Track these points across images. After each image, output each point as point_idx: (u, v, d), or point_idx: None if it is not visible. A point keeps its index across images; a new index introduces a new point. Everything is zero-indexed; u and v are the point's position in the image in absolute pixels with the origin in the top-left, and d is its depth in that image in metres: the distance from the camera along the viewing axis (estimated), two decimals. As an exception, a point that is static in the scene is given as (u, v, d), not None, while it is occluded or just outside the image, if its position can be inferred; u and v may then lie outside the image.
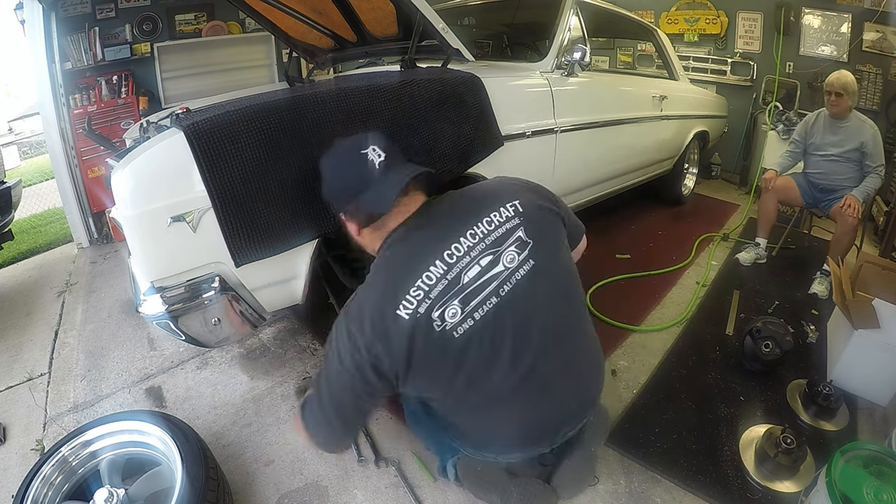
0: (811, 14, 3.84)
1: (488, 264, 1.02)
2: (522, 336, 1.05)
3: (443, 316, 0.98)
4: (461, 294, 0.99)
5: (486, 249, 1.03)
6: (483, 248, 1.03)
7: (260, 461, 1.59)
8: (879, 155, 2.52)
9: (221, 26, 4.10)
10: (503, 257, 1.04)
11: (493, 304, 1.01)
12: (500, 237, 1.05)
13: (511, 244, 1.05)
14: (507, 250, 1.04)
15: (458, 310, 0.99)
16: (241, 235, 1.28)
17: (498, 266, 1.03)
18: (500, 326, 1.02)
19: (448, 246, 1.02)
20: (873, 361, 1.74)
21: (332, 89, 1.50)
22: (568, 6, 2.30)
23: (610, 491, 1.46)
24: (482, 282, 1.01)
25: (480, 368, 1.03)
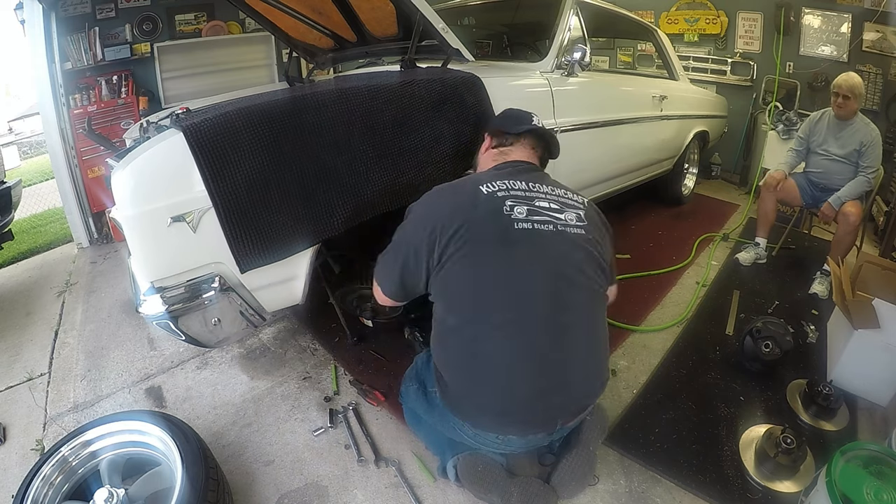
0: (811, 14, 3.84)
1: (555, 209, 1.26)
2: (559, 275, 1.21)
3: (512, 208, 1.20)
4: (530, 207, 1.23)
5: (557, 200, 1.29)
6: (555, 198, 1.29)
7: (260, 461, 1.59)
8: (874, 159, 2.52)
9: (221, 26, 4.10)
10: (566, 213, 1.27)
11: (550, 228, 1.22)
12: (566, 203, 1.30)
13: (573, 211, 1.29)
14: (570, 211, 1.28)
15: (524, 212, 1.21)
16: (245, 242, 1.28)
17: (561, 215, 1.26)
18: (548, 248, 1.21)
19: (533, 182, 1.30)
20: (873, 361, 1.74)
21: (333, 90, 1.50)
22: (568, 6, 2.30)
23: (610, 491, 1.46)
24: (547, 213, 1.24)
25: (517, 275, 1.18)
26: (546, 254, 1.20)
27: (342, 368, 2.02)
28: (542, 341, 1.18)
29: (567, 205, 1.29)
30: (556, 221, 1.23)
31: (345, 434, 1.67)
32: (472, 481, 1.34)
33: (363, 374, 1.96)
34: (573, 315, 1.22)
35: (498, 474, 1.33)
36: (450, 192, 1.28)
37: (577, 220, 1.27)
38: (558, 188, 1.34)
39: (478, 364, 1.20)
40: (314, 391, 1.90)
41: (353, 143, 1.41)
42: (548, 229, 1.21)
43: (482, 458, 1.36)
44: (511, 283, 1.18)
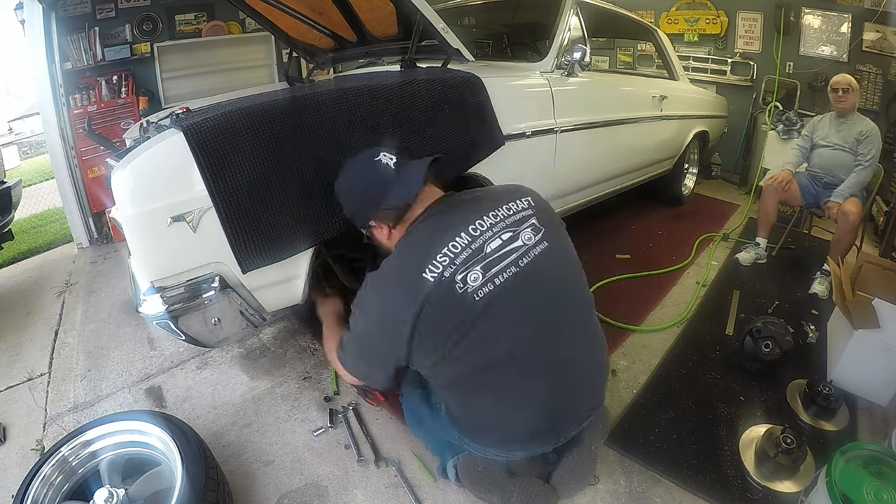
0: (811, 14, 3.84)
1: (508, 239, 1.12)
2: (539, 307, 1.13)
3: (465, 279, 1.05)
4: (483, 261, 1.08)
5: (506, 227, 1.13)
6: (503, 225, 1.13)
7: (260, 461, 1.59)
8: (871, 149, 2.56)
9: (221, 26, 4.10)
10: (521, 235, 1.13)
11: (513, 273, 1.09)
12: (517, 220, 1.15)
13: (527, 226, 1.15)
14: (524, 230, 1.14)
15: (480, 275, 1.06)
16: (246, 242, 1.28)
17: (517, 241, 1.12)
18: (518, 295, 1.10)
19: (472, 222, 1.12)
20: (873, 361, 1.74)
21: (333, 89, 1.50)
22: (568, 6, 2.30)
23: (610, 491, 1.46)
24: (503, 252, 1.10)
25: (496, 335, 1.09)
26: (519, 305, 1.10)
27: (342, 368, 2.02)
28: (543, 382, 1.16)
29: (518, 221, 1.15)
30: (516, 256, 1.10)
31: (345, 434, 1.67)
32: (472, 481, 1.34)
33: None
34: (568, 339, 1.18)
35: (498, 474, 1.34)
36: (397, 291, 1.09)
37: (534, 232, 1.15)
38: (498, 205, 1.15)
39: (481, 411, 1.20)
40: (314, 391, 1.90)
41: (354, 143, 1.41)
42: (510, 274, 1.08)
43: (482, 457, 1.36)
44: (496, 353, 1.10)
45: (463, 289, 1.04)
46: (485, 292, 1.06)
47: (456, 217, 1.14)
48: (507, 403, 1.17)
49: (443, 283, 1.04)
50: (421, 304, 1.04)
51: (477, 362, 1.11)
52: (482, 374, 1.12)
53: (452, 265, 1.05)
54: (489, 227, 1.12)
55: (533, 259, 1.12)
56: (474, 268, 1.06)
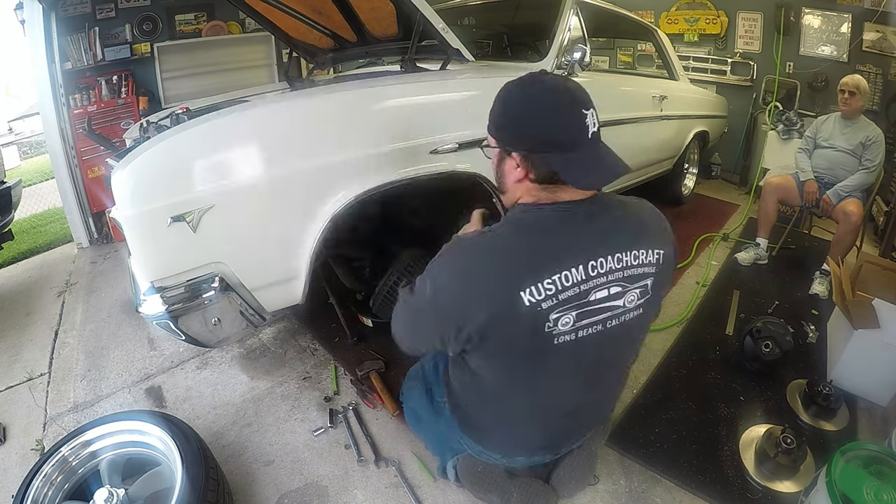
0: (811, 14, 3.84)
1: (614, 295, 0.98)
2: (595, 369, 1.10)
3: (558, 321, 0.94)
4: (582, 308, 0.95)
5: (620, 280, 0.97)
6: (619, 277, 0.97)
7: (260, 461, 1.59)
8: (877, 154, 2.56)
9: (221, 26, 4.09)
10: (627, 295, 1.00)
11: (597, 331, 0.99)
12: (635, 276, 0.99)
13: (638, 287, 1.00)
14: (634, 290, 1.00)
15: (571, 321, 0.95)
16: None
17: (619, 300, 0.99)
18: (591, 353, 1.03)
19: (595, 257, 0.95)
20: (873, 361, 1.74)
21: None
22: (568, 6, 2.30)
23: (610, 491, 1.46)
24: (601, 307, 0.98)
25: (548, 381, 1.06)
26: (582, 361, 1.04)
27: (342, 368, 2.02)
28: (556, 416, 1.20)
29: (635, 278, 0.99)
30: (609, 315, 0.99)
31: (345, 434, 1.67)
32: (472, 481, 1.34)
33: (363, 374, 1.96)
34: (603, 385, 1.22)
35: (498, 475, 1.34)
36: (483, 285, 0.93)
37: (640, 296, 1.02)
38: (630, 248, 0.98)
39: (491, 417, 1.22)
40: (314, 391, 1.90)
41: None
42: (595, 332, 0.99)
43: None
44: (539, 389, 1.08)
45: (550, 329, 0.94)
46: (565, 339, 0.97)
47: (586, 237, 0.97)
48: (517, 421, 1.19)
49: (537, 315, 0.92)
50: (503, 318, 0.92)
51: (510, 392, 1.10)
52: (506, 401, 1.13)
53: (555, 299, 0.92)
54: (606, 272, 0.95)
55: (621, 323, 1.02)
56: (571, 312, 0.94)
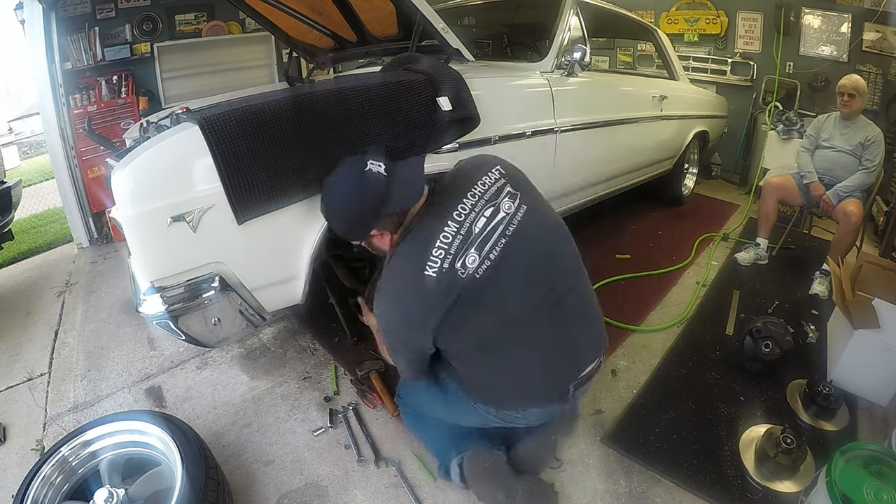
0: (811, 14, 3.84)
1: (491, 214, 1.16)
2: (535, 265, 1.19)
3: (464, 264, 1.11)
4: (475, 242, 1.13)
5: (486, 204, 1.17)
6: (483, 203, 1.17)
7: (260, 461, 1.59)
8: (877, 154, 2.57)
9: (221, 26, 4.10)
10: (501, 206, 1.18)
11: (503, 243, 1.14)
12: (493, 193, 1.19)
13: (504, 196, 1.19)
14: (503, 200, 1.19)
15: (476, 256, 1.12)
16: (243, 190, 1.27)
17: (499, 214, 1.17)
18: (514, 260, 1.15)
19: (455, 208, 1.16)
20: (873, 361, 1.74)
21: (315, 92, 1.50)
22: (568, 6, 2.30)
23: (610, 491, 1.46)
24: (490, 228, 1.15)
25: (505, 302, 1.15)
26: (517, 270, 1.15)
27: (342, 368, 2.02)
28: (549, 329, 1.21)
29: (495, 194, 1.18)
30: (503, 227, 1.15)
31: (345, 434, 1.67)
32: (478, 479, 1.34)
33: (363, 374, 1.96)
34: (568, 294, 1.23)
35: (504, 471, 1.34)
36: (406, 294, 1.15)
37: (511, 199, 1.18)
38: (473, 183, 1.18)
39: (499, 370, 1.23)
40: (314, 391, 1.90)
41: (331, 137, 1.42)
42: (502, 245, 1.13)
43: (488, 454, 1.36)
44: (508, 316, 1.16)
45: (464, 272, 1.11)
46: (484, 269, 1.12)
47: (441, 207, 1.17)
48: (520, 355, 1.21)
49: (444, 275, 1.10)
50: (433, 303, 1.11)
51: (492, 329, 1.17)
52: (498, 335, 1.18)
53: (448, 255, 1.11)
54: (471, 208, 1.16)
55: (518, 223, 1.17)
56: (469, 251, 1.12)
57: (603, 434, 1.65)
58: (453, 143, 1.69)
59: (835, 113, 2.77)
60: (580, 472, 1.52)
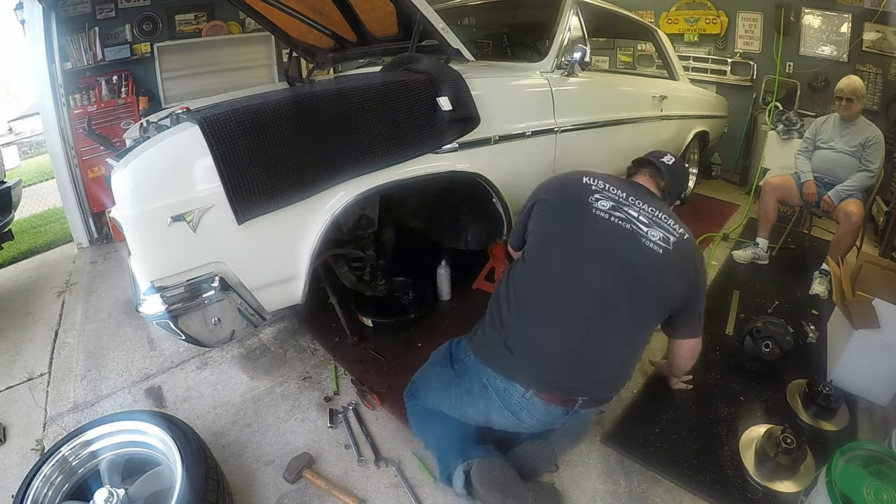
0: (811, 14, 3.84)
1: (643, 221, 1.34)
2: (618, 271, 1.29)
3: (597, 200, 1.35)
4: (616, 206, 1.35)
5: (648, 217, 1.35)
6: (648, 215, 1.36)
7: (260, 461, 1.59)
8: (877, 156, 2.57)
9: (221, 26, 4.09)
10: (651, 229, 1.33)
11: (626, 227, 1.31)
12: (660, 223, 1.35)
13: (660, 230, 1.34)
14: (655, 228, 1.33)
15: (608, 206, 1.34)
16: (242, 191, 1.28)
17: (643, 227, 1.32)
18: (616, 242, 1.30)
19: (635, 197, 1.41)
20: (873, 361, 1.74)
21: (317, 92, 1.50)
22: (568, 6, 2.30)
23: (610, 491, 1.46)
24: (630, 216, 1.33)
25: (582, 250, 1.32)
26: (612, 245, 1.30)
27: (342, 368, 2.02)
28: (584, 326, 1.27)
29: (659, 224, 1.34)
30: (635, 227, 1.31)
31: (345, 434, 1.67)
32: (489, 487, 1.31)
33: (363, 374, 1.96)
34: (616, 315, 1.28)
35: (513, 479, 1.33)
36: (562, 175, 1.53)
37: (661, 240, 1.31)
38: (661, 212, 1.38)
39: (526, 306, 1.33)
40: (314, 391, 1.90)
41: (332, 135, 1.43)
42: (623, 227, 1.30)
43: (497, 462, 1.35)
44: (572, 256, 1.32)
45: (593, 201, 1.35)
46: (599, 214, 1.32)
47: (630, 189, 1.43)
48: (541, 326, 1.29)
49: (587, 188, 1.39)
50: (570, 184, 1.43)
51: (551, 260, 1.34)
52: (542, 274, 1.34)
53: (602, 189, 1.38)
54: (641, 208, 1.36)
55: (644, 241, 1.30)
56: (609, 202, 1.35)
57: (603, 434, 1.65)
58: (453, 143, 1.69)
59: (834, 115, 2.77)
60: (580, 472, 1.52)
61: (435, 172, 1.69)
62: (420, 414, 1.53)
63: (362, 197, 1.53)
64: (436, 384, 1.48)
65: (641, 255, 1.29)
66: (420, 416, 1.53)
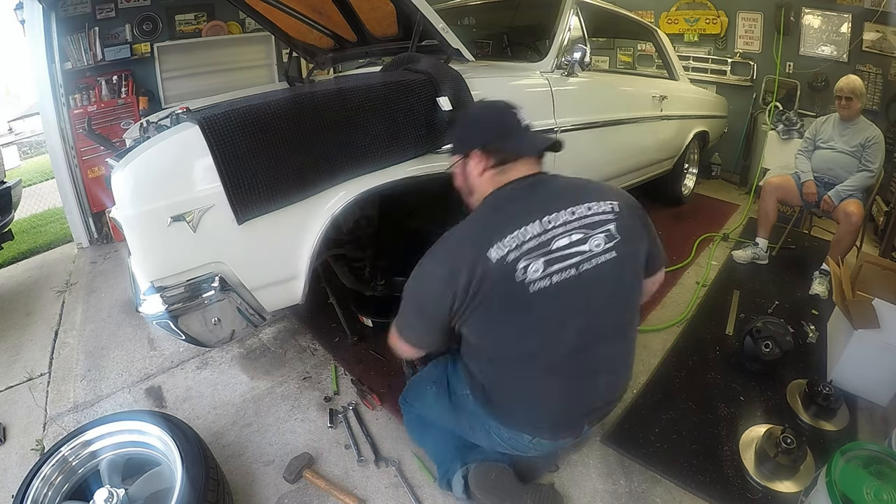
0: (811, 14, 3.84)
1: (577, 241, 1.11)
2: (586, 314, 1.14)
3: (526, 269, 1.06)
4: (547, 256, 1.08)
5: (578, 228, 1.11)
6: (576, 225, 1.11)
7: (260, 461, 1.59)
8: (877, 156, 2.57)
9: (221, 26, 4.10)
10: (591, 240, 1.12)
11: (572, 275, 1.10)
12: (593, 223, 1.13)
13: (601, 231, 1.13)
14: (596, 235, 1.12)
15: (541, 268, 1.07)
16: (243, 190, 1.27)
17: (585, 245, 1.11)
18: (571, 297, 1.11)
19: (549, 212, 1.11)
20: (873, 361, 1.74)
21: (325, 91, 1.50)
22: (568, 6, 2.30)
23: (610, 491, 1.46)
24: (568, 253, 1.09)
25: (540, 328, 1.12)
26: (566, 309, 1.12)
27: (342, 368, 2.02)
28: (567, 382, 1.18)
29: (593, 224, 1.12)
30: (580, 259, 1.10)
31: (345, 434, 1.67)
32: (487, 491, 1.32)
33: (363, 374, 1.96)
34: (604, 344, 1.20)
35: (512, 483, 1.33)
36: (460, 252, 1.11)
37: (606, 240, 1.13)
38: (580, 201, 1.14)
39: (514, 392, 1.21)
40: (314, 391, 1.90)
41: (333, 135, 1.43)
42: (568, 276, 1.09)
43: (494, 466, 1.35)
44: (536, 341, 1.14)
45: (521, 278, 1.06)
46: (539, 287, 1.07)
47: (537, 201, 1.15)
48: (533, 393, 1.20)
49: (505, 266, 1.06)
50: (479, 275, 1.06)
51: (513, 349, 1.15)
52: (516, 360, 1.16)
53: (518, 251, 1.06)
54: (563, 222, 1.11)
55: (595, 266, 1.11)
56: (537, 260, 1.07)
57: (603, 434, 1.65)
58: (453, 142, 1.69)
59: (834, 115, 2.77)
60: (580, 472, 1.52)
61: (435, 172, 1.69)
62: (416, 420, 1.51)
63: (362, 197, 1.53)
64: (431, 402, 1.44)
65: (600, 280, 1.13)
66: (416, 422, 1.51)
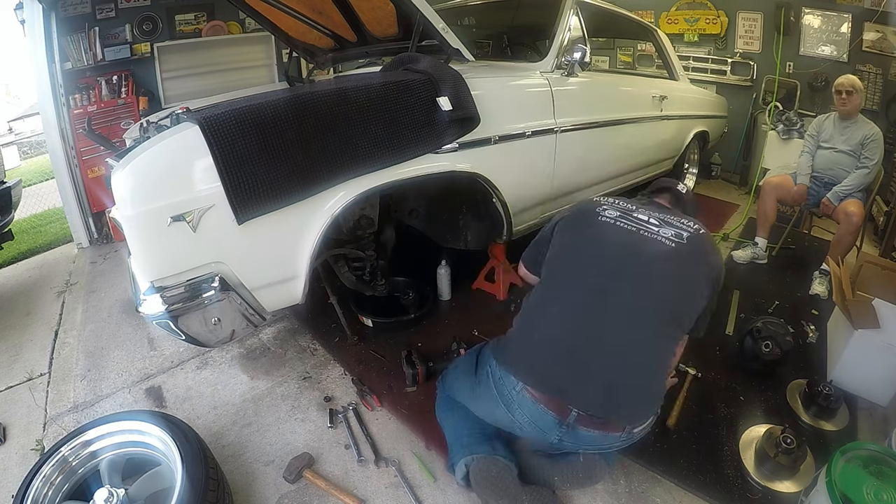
0: (811, 14, 3.84)
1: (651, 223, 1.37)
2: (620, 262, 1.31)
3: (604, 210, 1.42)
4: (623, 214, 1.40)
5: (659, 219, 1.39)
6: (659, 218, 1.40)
7: (260, 461, 1.59)
8: (875, 153, 2.57)
9: (221, 26, 4.10)
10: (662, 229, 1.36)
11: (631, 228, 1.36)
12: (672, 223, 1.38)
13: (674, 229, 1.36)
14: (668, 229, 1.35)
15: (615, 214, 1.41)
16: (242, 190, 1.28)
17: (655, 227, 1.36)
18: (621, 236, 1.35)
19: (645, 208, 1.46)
20: (873, 361, 1.74)
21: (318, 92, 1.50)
22: (568, 6, 2.30)
23: (610, 491, 1.46)
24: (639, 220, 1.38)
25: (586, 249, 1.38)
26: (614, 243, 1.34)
27: (342, 368, 2.02)
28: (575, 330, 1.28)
29: (671, 224, 1.37)
30: (643, 228, 1.35)
31: (345, 434, 1.67)
32: (484, 486, 1.32)
33: (363, 374, 1.96)
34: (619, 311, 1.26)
35: (510, 483, 1.33)
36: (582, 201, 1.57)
37: (674, 236, 1.33)
38: (674, 216, 1.43)
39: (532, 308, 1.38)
40: (314, 391, 1.90)
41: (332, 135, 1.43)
42: (629, 227, 1.35)
43: (498, 462, 1.35)
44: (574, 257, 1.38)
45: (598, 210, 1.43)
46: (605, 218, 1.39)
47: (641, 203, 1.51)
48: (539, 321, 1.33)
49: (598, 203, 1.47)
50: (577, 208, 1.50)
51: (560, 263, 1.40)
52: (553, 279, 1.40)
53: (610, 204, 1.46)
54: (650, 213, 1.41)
55: (652, 239, 1.32)
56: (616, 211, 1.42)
57: (603, 434, 1.65)
58: (453, 143, 1.69)
59: (833, 113, 2.77)
60: (580, 472, 1.52)
61: (435, 172, 1.69)
62: (444, 401, 1.59)
63: (362, 197, 1.53)
64: (461, 370, 1.56)
65: (651, 250, 1.30)
66: (443, 403, 1.59)
